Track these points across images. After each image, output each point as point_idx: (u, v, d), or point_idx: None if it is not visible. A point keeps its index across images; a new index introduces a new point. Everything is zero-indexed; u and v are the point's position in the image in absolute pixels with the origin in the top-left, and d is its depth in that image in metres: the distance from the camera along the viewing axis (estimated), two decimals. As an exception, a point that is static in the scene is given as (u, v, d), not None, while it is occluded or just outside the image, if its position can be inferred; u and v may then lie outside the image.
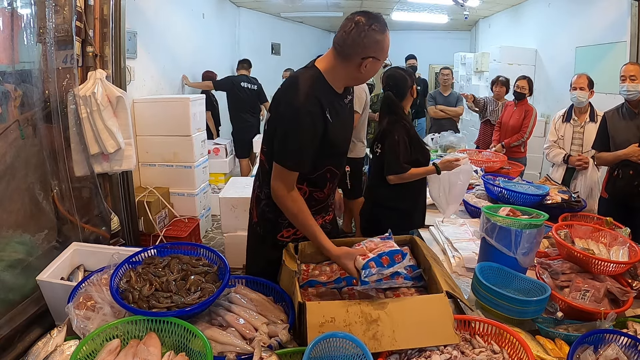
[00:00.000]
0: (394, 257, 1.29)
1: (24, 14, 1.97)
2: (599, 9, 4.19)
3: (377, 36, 1.35)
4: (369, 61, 1.38)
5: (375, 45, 1.36)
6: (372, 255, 1.30)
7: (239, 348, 1.16)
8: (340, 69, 1.42)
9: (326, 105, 1.40)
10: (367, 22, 1.34)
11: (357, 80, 1.49)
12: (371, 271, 1.26)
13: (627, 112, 2.51)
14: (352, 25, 1.34)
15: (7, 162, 1.89)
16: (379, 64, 1.42)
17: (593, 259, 1.48)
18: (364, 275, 1.27)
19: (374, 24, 1.34)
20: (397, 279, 1.34)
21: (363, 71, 1.40)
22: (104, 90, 2.30)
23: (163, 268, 1.34)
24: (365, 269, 1.26)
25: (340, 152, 1.58)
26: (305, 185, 1.53)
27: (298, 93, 1.37)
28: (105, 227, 2.39)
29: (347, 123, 1.58)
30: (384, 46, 1.38)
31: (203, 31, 5.47)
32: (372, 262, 1.27)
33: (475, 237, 1.93)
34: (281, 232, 1.59)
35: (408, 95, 2.25)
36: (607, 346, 1.16)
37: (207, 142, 4.20)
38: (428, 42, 8.68)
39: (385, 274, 1.27)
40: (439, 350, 1.12)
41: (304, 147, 1.39)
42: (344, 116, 1.53)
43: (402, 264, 1.30)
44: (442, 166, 2.17)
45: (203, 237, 3.98)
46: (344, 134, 1.57)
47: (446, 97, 4.83)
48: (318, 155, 1.44)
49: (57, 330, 1.20)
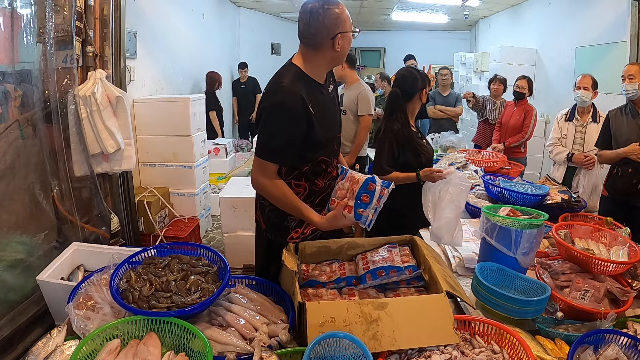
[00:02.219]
0: (367, 189, 1.35)
1: (24, 14, 1.97)
2: (599, 9, 4.19)
3: (335, 11, 1.41)
4: (339, 37, 1.43)
5: (337, 20, 1.42)
6: (352, 202, 1.36)
7: (239, 348, 1.16)
8: (316, 58, 1.48)
9: (308, 99, 1.43)
10: (319, 4, 1.40)
11: (338, 60, 1.53)
12: (367, 217, 1.35)
13: (630, 111, 2.53)
14: (308, 15, 1.41)
15: (7, 162, 1.89)
16: (349, 35, 1.47)
17: (593, 259, 1.48)
18: (365, 225, 1.36)
19: (325, 4, 1.40)
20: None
21: (339, 49, 1.45)
22: (104, 90, 2.30)
23: (163, 268, 1.34)
24: (359, 219, 1.34)
25: (330, 140, 1.59)
26: (304, 181, 1.55)
27: (279, 91, 1.43)
28: (105, 227, 2.39)
29: (331, 111, 1.61)
30: (345, 17, 1.44)
31: (203, 31, 5.47)
32: (359, 209, 1.34)
33: (475, 237, 1.93)
34: (290, 235, 1.60)
35: (416, 98, 2.16)
36: (607, 346, 1.15)
37: (207, 142, 4.20)
38: (428, 42, 8.69)
39: (376, 205, 1.35)
40: (439, 350, 1.12)
41: (285, 138, 1.43)
42: (328, 105, 1.57)
43: (377, 190, 1.35)
44: (423, 175, 2.04)
45: (203, 237, 3.98)
46: (331, 122, 1.60)
47: (445, 97, 4.83)
48: (309, 148, 1.48)
49: (57, 330, 1.20)
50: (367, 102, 3.40)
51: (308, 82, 1.48)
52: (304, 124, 1.42)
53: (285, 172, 1.53)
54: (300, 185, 1.54)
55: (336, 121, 1.67)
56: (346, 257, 1.59)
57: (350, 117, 3.43)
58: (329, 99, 1.60)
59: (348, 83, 3.51)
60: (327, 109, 1.56)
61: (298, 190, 1.54)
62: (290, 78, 1.44)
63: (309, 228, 1.61)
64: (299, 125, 1.42)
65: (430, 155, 2.25)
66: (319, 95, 1.51)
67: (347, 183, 1.46)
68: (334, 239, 1.60)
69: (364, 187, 1.35)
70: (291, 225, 1.60)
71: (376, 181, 1.37)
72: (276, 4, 6.86)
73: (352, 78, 3.51)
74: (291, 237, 1.60)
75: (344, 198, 1.43)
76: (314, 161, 1.53)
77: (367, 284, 1.40)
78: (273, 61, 7.56)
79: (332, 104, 1.63)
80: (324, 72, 1.55)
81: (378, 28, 8.90)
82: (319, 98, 1.50)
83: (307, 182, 1.55)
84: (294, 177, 1.53)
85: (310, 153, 1.51)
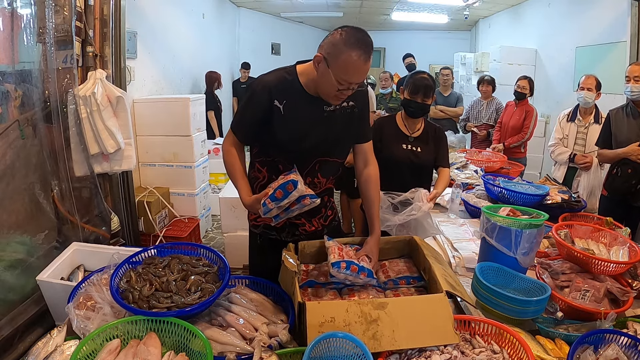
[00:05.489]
0: (286, 188, 1.38)
1: (24, 14, 1.97)
2: (599, 9, 4.19)
3: (338, 40, 1.29)
4: (320, 59, 1.33)
5: (330, 46, 1.31)
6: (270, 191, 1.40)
7: (239, 348, 1.16)
8: (310, 69, 1.43)
9: (281, 97, 1.44)
10: (346, 29, 1.32)
11: (317, 83, 1.41)
12: (268, 207, 1.39)
13: (631, 111, 2.53)
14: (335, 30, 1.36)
15: (7, 162, 1.89)
16: (328, 74, 1.32)
17: (593, 259, 1.48)
18: (265, 215, 1.41)
19: (346, 32, 1.31)
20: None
21: (315, 68, 1.37)
22: (104, 90, 2.30)
23: (163, 268, 1.34)
24: (264, 206, 1.39)
25: (290, 149, 1.50)
26: (266, 170, 1.58)
27: (260, 77, 1.50)
28: (105, 227, 2.40)
29: (317, 126, 1.49)
30: (339, 56, 1.28)
31: (203, 31, 5.48)
32: (268, 199, 1.38)
33: (475, 237, 1.93)
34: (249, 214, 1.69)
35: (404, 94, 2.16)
36: (607, 346, 1.15)
37: (207, 142, 4.20)
38: (428, 42, 8.69)
39: (283, 205, 1.38)
40: (439, 350, 1.12)
41: (243, 115, 1.53)
42: (312, 118, 1.48)
43: (294, 194, 1.37)
44: None
45: (203, 237, 3.98)
46: (305, 133, 1.49)
47: (446, 97, 4.83)
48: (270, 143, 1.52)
49: (57, 330, 1.20)
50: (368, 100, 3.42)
51: (291, 84, 1.45)
52: (261, 113, 1.47)
53: (255, 153, 1.61)
54: (261, 171, 1.59)
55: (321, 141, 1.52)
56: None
57: None
58: (318, 114, 1.49)
59: None
60: (306, 120, 1.48)
61: (257, 175, 1.60)
62: (273, 74, 1.49)
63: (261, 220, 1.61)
64: (257, 109, 1.47)
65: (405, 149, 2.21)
66: (301, 102, 1.45)
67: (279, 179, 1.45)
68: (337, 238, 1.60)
69: (283, 185, 1.39)
70: None
71: (298, 187, 1.37)
72: (276, 4, 6.86)
73: None
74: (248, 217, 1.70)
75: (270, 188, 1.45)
76: (272, 159, 1.55)
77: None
78: (273, 61, 7.56)
79: (321, 122, 1.50)
80: (314, 89, 1.45)
81: (378, 28, 8.90)
82: (299, 105, 1.45)
83: (269, 172, 1.57)
84: (260, 161, 1.60)
85: (271, 149, 1.54)
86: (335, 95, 1.38)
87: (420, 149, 2.16)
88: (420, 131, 2.19)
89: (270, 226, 1.58)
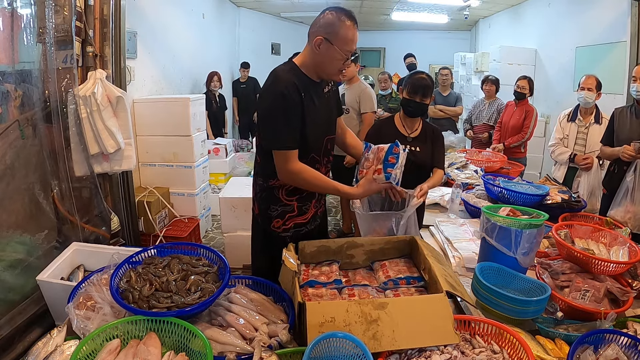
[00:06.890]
0: (393, 151, 1.54)
1: (24, 14, 1.97)
2: (599, 9, 4.19)
3: (332, 18, 1.43)
4: (321, 41, 1.45)
5: (328, 26, 1.44)
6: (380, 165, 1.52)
7: (239, 348, 1.16)
8: (308, 55, 1.52)
9: (303, 91, 1.49)
10: (331, 9, 1.44)
11: (321, 65, 1.52)
12: (396, 176, 1.54)
13: (635, 111, 2.53)
14: (320, 15, 1.46)
15: (7, 162, 1.89)
16: (333, 50, 1.45)
17: (593, 259, 1.48)
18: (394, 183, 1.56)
19: (334, 11, 1.43)
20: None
21: (316, 51, 1.46)
22: (104, 90, 2.30)
23: (163, 268, 1.34)
24: (389, 178, 1.52)
25: (318, 138, 1.61)
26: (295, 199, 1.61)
27: (276, 82, 1.49)
28: (105, 227, 2.40)
29: (324, 109, 1.63)
30: (338, 30, 1.43)
31: (203, 31, 5.47)
32: (388, 168, 1.51)
33: (475, 237, 1.93)
34: (272, 223, 1.66)
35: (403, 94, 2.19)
36: (607, 346, 1.15)
37: (207, 142, 4.20)
38: (428, 42, 8.69)
39: (400, 165, 1.55)
40: (439, 350, 1.12)
41: (290, 125, 1.48)
42: (321, 103, 1.60)
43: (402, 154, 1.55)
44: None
45: (203, 237, 3.98)
46: (322, 119, 1.62)
47: (445, 97, 4.83)
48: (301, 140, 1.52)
49: (57, 330, 1.20)
50: (369, 100, 3.49)
51: (301, 77, 1.53)
52: (300, 113, 1.48)
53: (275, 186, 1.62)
54: (290, 203, 1.62)
55: (329, 122, 1.68)
56: (346, 257, 1.59)
57: (353, 115, 3.49)
58: (323, 98, 1.62)
59: (351, 82, 3.57)
60: (319, 107, 1.59)
61: (285, 209, 1.63)
62: (284, 70, 1.52)
63: (291, 221, 1.65)
64: (297, 111, 1.48)
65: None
66: (312, 91, 1.55)
67: (372, 154, 1.61)
68: (334, 239, 1.61)
69: (389, 151, 1.53)
70: (273, 215, 1.65)
71: (399, 145, 1.58)
72: (276, 4, 6.86)
73: (356, 77, 3.62)
74: (273, 226, 1.66)
75: (371, 166, 1.59)
76: (307, 157, 1.57)
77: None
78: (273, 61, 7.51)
79: (325, 105, 1.64)
80: (316, 74, 1.56)
81: (378, 28, 8.90)
82: (312, 94, 1.55)
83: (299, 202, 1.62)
84: (286, 191, 1.62)
85: (303, 145, 1.55)
86: (339, 70, 1.51)
87: (419, 148, 2.16)
88: (419, 131, 2.20)
89: (302, 223, 1.67)
